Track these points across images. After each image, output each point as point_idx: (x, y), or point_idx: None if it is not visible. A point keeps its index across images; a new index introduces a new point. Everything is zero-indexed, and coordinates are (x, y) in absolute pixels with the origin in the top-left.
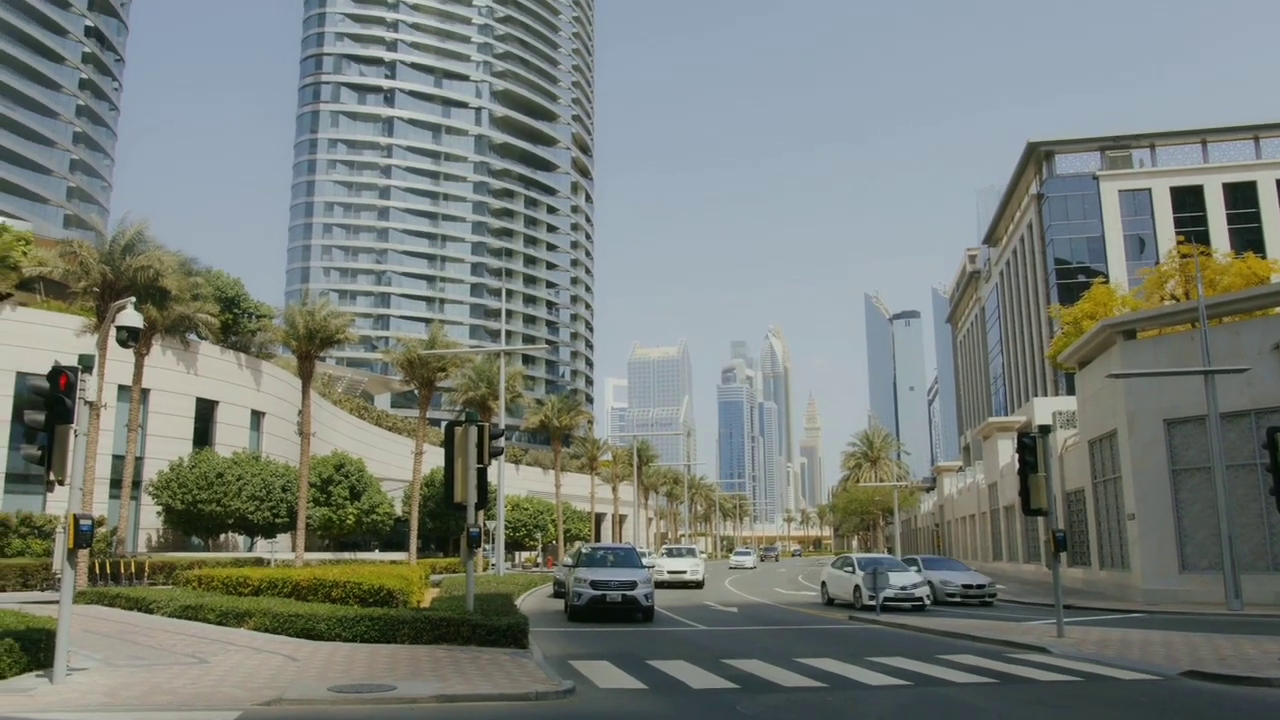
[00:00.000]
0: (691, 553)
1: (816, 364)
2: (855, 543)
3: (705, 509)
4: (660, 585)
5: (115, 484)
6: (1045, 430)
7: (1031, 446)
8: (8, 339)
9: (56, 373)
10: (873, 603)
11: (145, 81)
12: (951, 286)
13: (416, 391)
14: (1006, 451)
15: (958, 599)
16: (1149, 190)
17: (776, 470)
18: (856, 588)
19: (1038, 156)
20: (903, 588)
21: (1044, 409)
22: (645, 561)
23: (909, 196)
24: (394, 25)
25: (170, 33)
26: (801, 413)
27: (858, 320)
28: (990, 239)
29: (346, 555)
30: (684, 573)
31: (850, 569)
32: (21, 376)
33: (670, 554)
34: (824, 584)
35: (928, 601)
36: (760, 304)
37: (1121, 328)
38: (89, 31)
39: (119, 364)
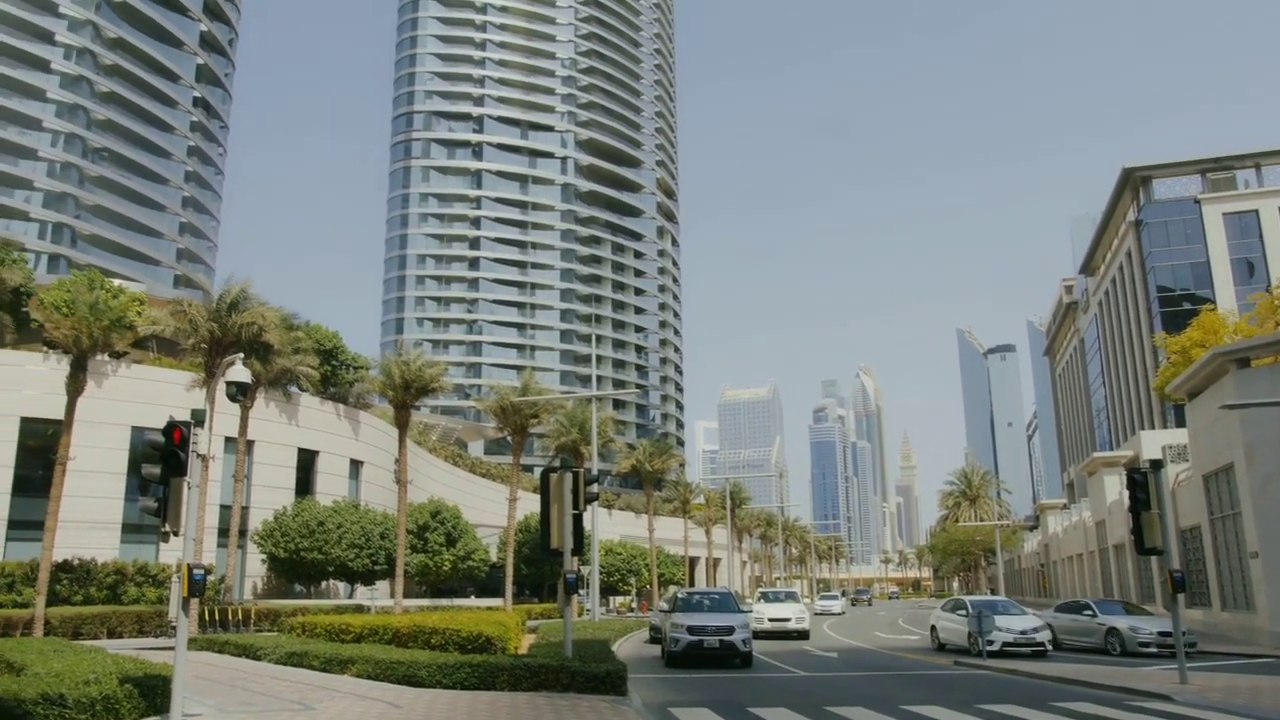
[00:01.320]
0: (793, 597)
1: (910, 401)
2: (956, 584)
3: (800, 551)
4: (760, 636)
5: (223, 533)
6: (1156, 465)
7: (1143, 483)
8: (124, 394)
9: (171, 427)
10: (992, 647)
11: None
12: (1048, 319)
13: (510, 438)
14: (1114, 488)
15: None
16: (1256, 211)
17: (872, 511)
18: (971, 633)
19: (1134, 182)
20: (1021, 632)
21: (1152, 442)
22: (744, 607)
23: (999, 228)
24: (480, 81)
25: (268, 89)
26: (896, 451)
27: (951, 356)
28: (1087, 268)
29: (443, 602)
30: (787, 620)
31: (963, 612)
32: (136, 430)
33: (768, 598)
34: (933, 628)
35: (1049, 646)
36: (850, 342)
37: (1234, 355)
38: (196, 102)
39: (226, 417)
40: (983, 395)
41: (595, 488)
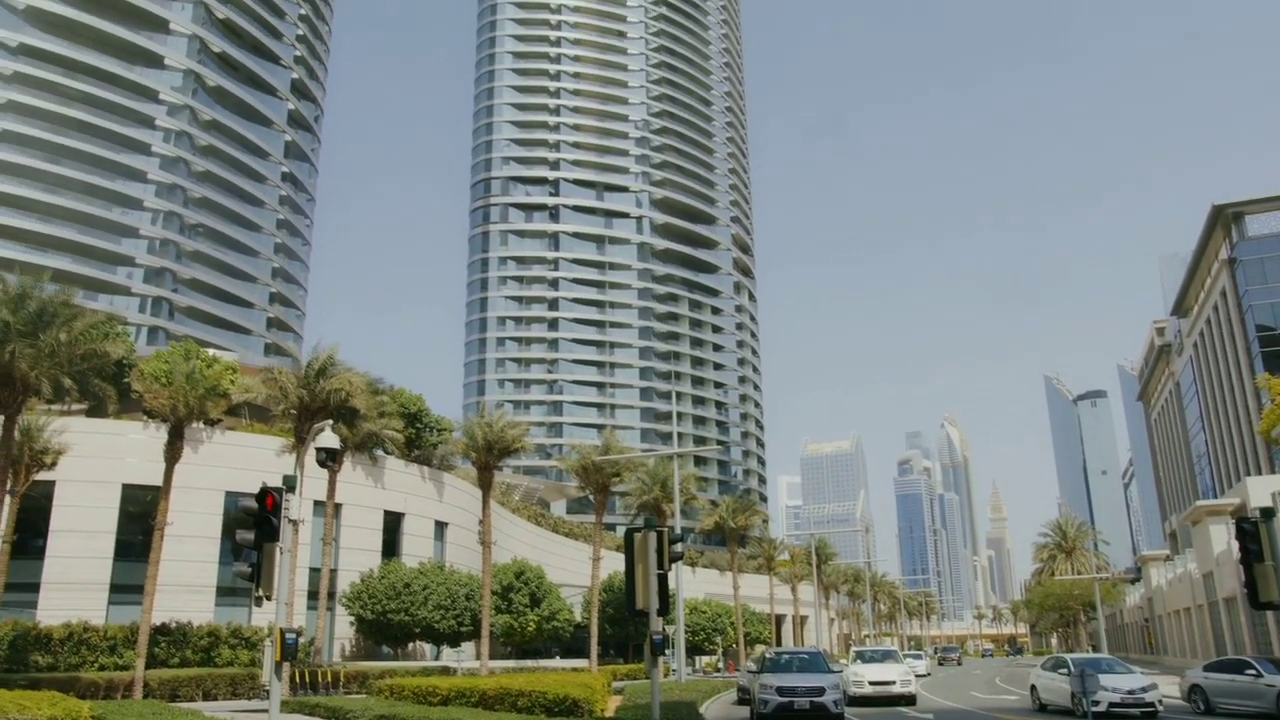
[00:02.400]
0: (892, 656)
1: (997, 451)
2: (1055, 641)
3: (889, 607)
4: (859, 701)
5: (312, 595)
6: (1267, 513)
7: (1253, 532)
8: (218, 460)
9: (264, 493)
10: (1098, 708)
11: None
12: (1139, 362)
13: (592, 497)
14: (1220, 537)
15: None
16: None
17: (962, 564)
18: (1074, 693)
19: (1224, 219)
20: (1129, 691)
21: (1260, 489)
22: (835, 666)
23: (1084, 271)
24: (555, 145)
25: (351, 150)
26: (985, 503)
27: (1038, 404)
28: (1179, 309)
29: (528, 663)
30: (891, 683)
31: (1065, 671)
32: (230, 495)
33: (865, 658)
34: (1033, 688)
35: (1160, 707)
36: (933, 392)
37: None
38: (284, 177)
39: (314, 481)
40: (1074, 443)
41: (679, 547)
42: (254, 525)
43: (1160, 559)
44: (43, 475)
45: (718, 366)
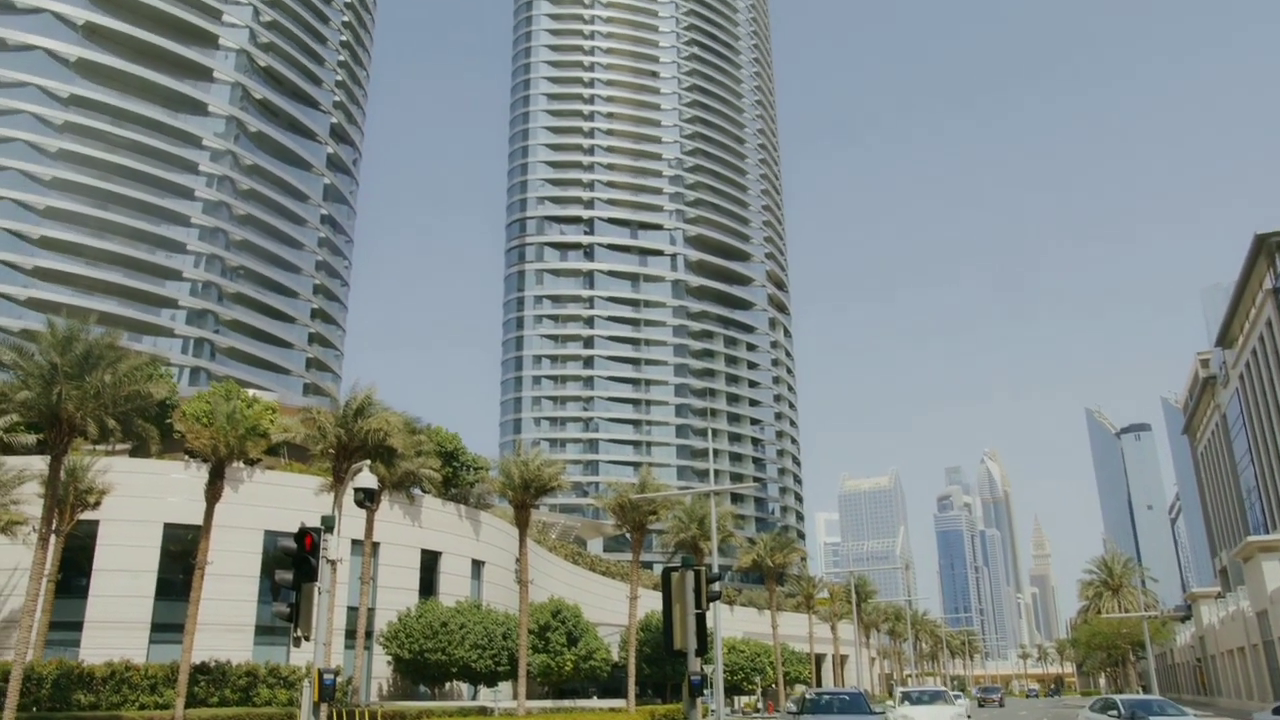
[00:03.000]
0: (942, 696)
1: (1039, 486)
2: (1102, 681)
3: (931, 646)
4: None
5: (350, 634)
6: None
7: None
8: (257, 499)
9: (303, 534)
10: None
11: (361, 238)
12: (1184, 395)
13: (628, 535)
14: (1274, 574)
15: None
16: None
17: (1005, 602)
18: None
19: (1268, 248)
20: None
21: None
22: (876, 708)
23: (1124, 302)
24: (590, 184)
25: (385, 192)
26: (1027, 539)
27: (1080, 437)
28: (1223, 341)
29: (566, 703)
30: None
31: (1114, 713)
32: (270, 534)
33: (913, 699)
34: None
35: None
36: (971, 427)
37: None
38: (323, 219)
39: (352, 520)
40: (1118, 478)
41: (717, 586)
42: (292, 565)
43: (1211, 596)
44: (87, 515)
45: (753, 403)
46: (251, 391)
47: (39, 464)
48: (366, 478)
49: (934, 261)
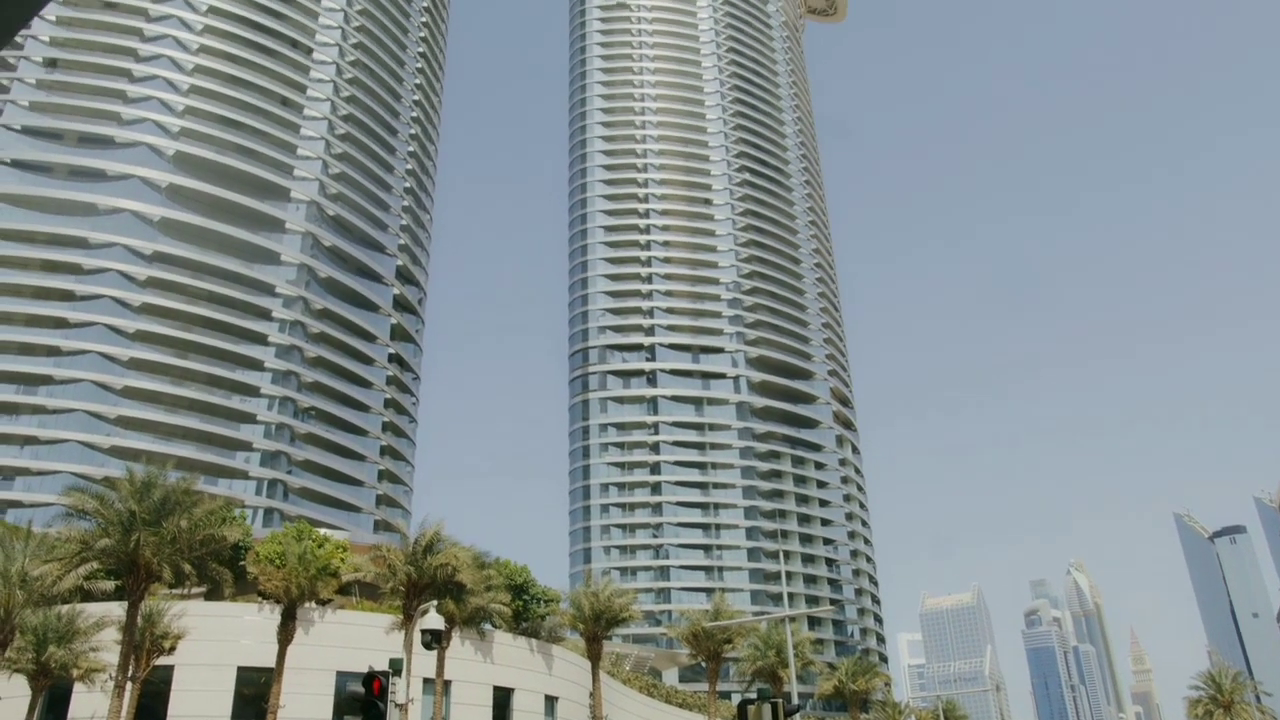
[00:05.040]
0: None
1: (1132, 597)
2: None
3: None
4: None
5: None
6: None
7: None
8: (328, 640)
9: (370, 678)
10: None
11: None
12: (1277, 494)
13: (704, 664)
14: None
15: None
16: None
17: None
18: None
19: None
20: None
21: None
22: None
23: (1207, 403)
24: (649, 312)
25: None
26: (1125, 654)
27: (1170, 544)
28: None
29: None
30: None
31: None
32: (341, 675)
33: None
34: None
35: None
36: (1054, 537)
37: None
38: (391, 358)
39: (423, 658)
40: (1215, 584)
41: (797, 718)
42: (361, 710)
43: None
44: (162, 660)
45: (825, 523)
46: (323, 531)
47: (117, 610)
48: (433, 619)
49: (1005, 370)
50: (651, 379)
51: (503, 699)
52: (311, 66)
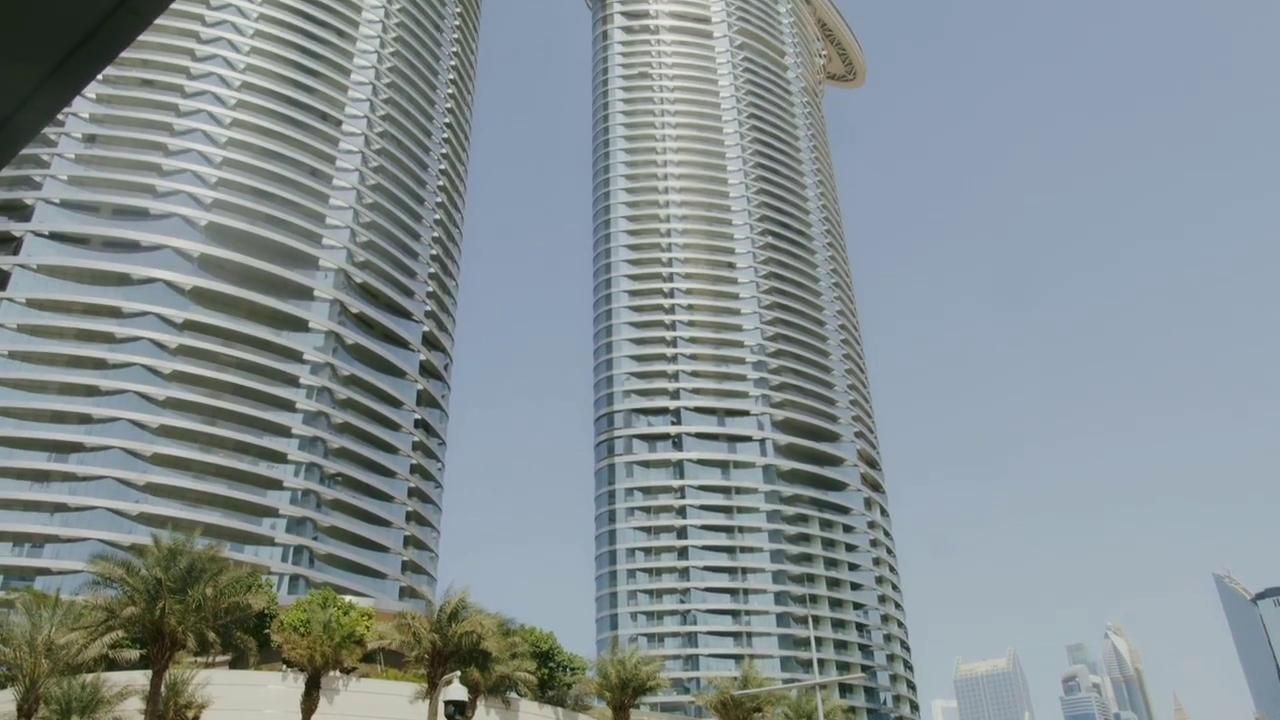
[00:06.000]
0: None
1: (1173, 661)
2: None
3: None
4: None
5: None
6: None
7: None
8: (352, 709)
9: None
10: None
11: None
12: None
13: None
14: None
15: None
16: None
17: None
18: None
19: None
20: None
21: None
22: None
23: (1244, 463)
24: (674, 375)
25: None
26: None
27: (1211, 605)
28: None
29: None
30: None
31: None
32: None
33: None
34: None
35: None
36: (1090, 600)
37: None
38: (417, 423)
39: None
40: (1260, 647)
41: None
42: None
43: None
44: None
45: (855, 586)
46: (348, 598)
47: (141, 679)
48: (456, 690)
49: (1034, 431)
50: (677, 442)
51: None
52: (340, 138)
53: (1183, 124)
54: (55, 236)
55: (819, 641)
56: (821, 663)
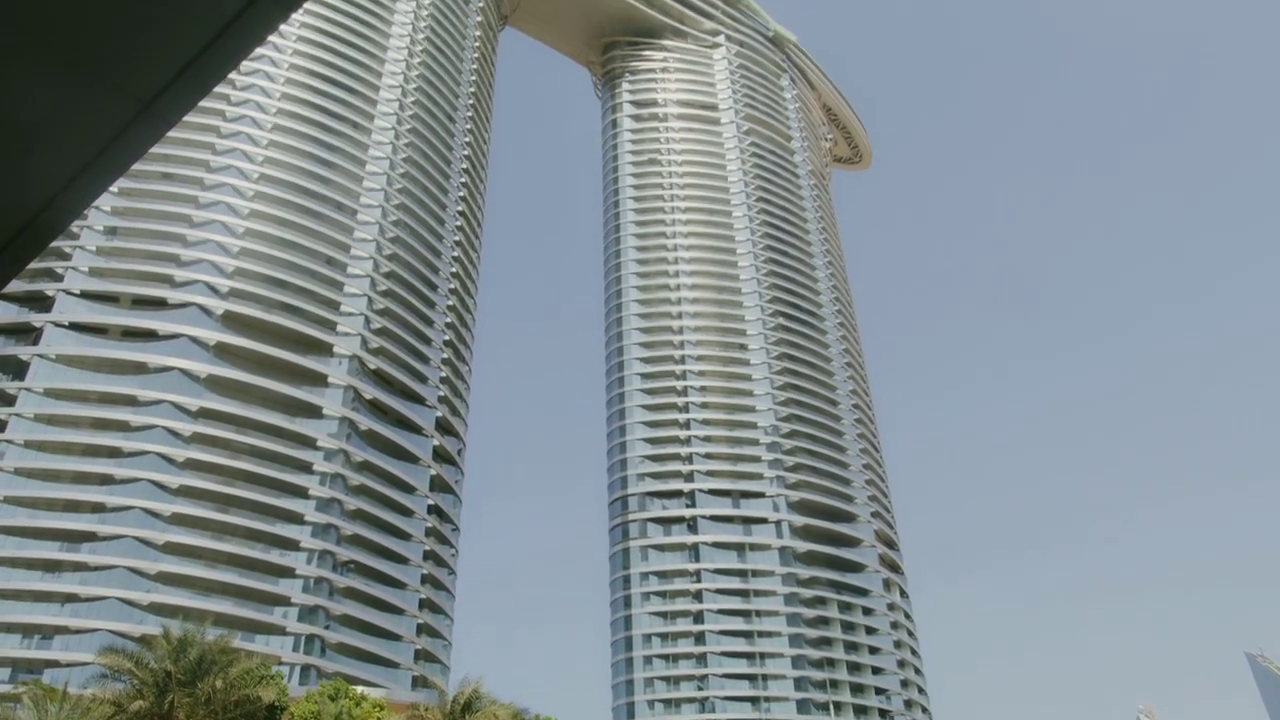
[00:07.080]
0: None
1: None
2: None
3: None
4: None
5: None
6: None
7: None
8: None
9: None
10: None
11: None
12: None
13: None
14: None
15: None
16: None
17: None
18: None
19: None
20: None
21: None
22: None
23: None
24: (688, 458)
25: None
26: None
27: (1245, 686)
28: None
29: None
30: None
31: None
32: None
33: None
34: None
35: None
36: (1117, 680)
37: None
38: (430, 509)
39: None
40: None
41: None
42: None
43: None
44: None
45: (876, 671)
46: (359, 689)
47: None
48: None
49: (1057, 514)
50: (692, 525)
51: None
52: (356, 227)
53: (1203, 204)
54: (75, 327)
55: None
56: None
